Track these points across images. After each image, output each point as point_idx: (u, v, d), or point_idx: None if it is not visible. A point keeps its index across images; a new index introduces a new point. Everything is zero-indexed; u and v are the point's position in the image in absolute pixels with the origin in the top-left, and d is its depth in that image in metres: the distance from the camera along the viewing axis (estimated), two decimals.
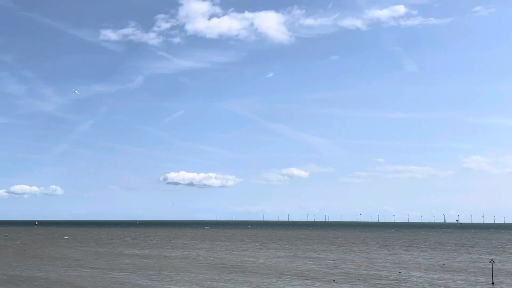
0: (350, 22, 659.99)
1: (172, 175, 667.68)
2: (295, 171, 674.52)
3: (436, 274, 54.81)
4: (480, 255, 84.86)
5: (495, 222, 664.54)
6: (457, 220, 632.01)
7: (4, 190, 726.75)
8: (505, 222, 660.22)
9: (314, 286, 45.48)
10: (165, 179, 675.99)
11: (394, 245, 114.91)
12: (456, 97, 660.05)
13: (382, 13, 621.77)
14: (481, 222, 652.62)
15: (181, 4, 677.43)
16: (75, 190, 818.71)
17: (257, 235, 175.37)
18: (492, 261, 51.64)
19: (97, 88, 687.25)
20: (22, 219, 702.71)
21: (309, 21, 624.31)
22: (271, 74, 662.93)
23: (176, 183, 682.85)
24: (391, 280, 49.77)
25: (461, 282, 48.72)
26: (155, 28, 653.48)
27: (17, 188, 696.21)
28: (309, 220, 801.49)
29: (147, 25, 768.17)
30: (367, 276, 52.16)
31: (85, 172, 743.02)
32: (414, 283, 47.88)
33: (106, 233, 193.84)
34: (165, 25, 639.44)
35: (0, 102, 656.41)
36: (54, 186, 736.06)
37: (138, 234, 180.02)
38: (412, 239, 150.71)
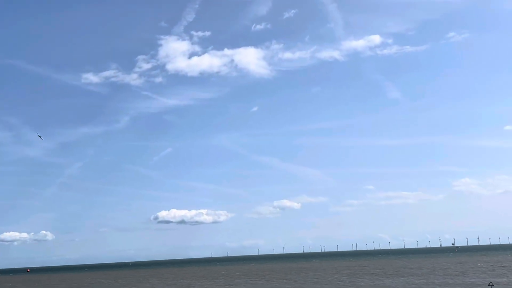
0: (328, 53, 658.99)
1: (163, 214, 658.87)
2: (287, 203, 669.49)
3: None
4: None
5: (491, 244, 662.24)
6: (453, 244, 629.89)
7: None
8: (501, 243, 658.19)
9: None
10: (156, 218, 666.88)
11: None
12: (440, 121, 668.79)
13: (358, 44, 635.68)
14: (477, 244, 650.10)
15: (161, 45, 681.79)
16: (66, 234, 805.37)
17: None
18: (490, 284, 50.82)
19: (83, 131, 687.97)
20: (13, 267, 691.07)
21: (288, 55, 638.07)
22: (255, 108, 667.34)
23: (167, 222, 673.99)
24: None
25: None
26: (136, 69, 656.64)
27: (6, 235, 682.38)
28: (304, 251, 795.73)
29: (128, 66, 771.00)
30: None
31: (75, 216, 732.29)
32: None
33: (112, 277, 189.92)
34: (146, 66, 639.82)
35: None
36: (44, 232, 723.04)
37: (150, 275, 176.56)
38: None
